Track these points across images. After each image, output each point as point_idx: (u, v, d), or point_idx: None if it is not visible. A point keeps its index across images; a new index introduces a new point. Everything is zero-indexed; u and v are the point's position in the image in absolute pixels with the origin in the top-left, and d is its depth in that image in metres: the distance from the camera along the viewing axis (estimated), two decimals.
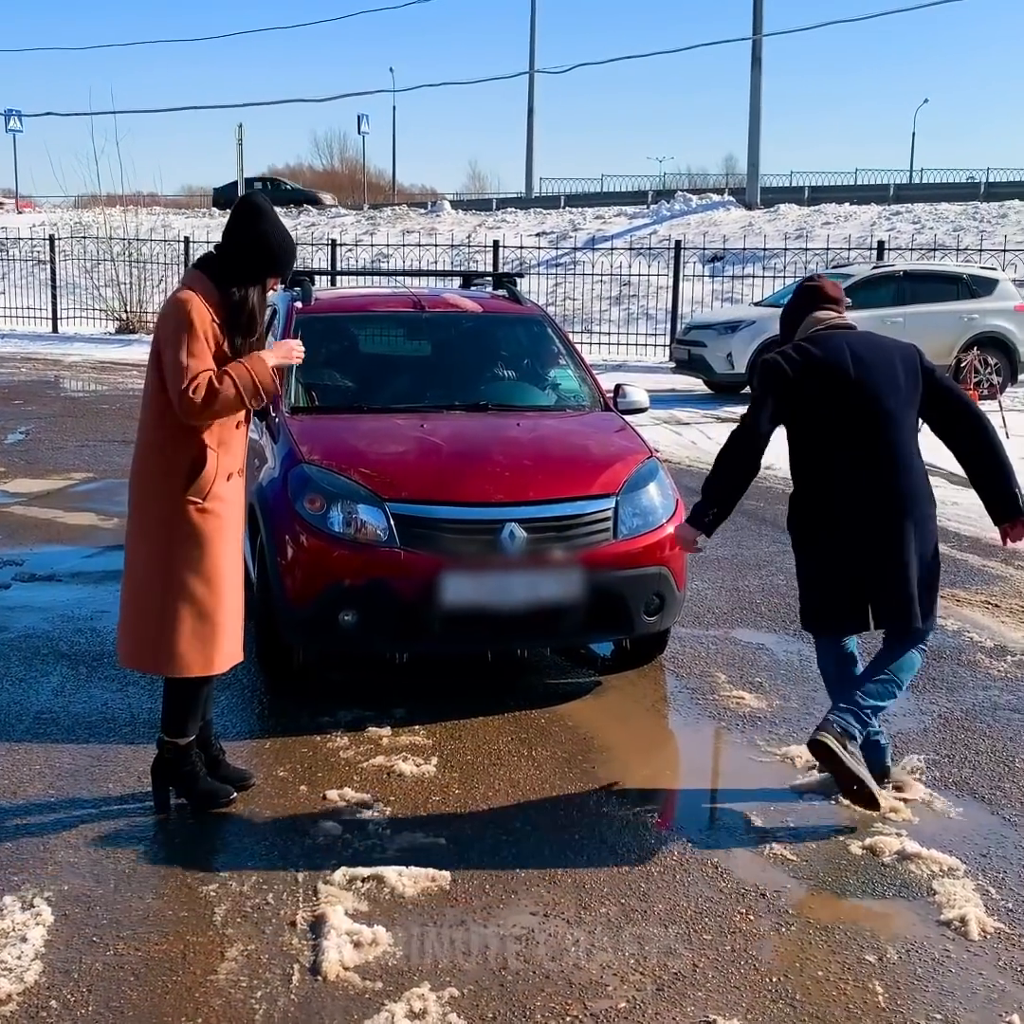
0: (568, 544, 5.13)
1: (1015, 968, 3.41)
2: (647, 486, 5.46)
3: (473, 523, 5.10)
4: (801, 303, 4.54)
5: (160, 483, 4.04)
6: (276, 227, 4.09)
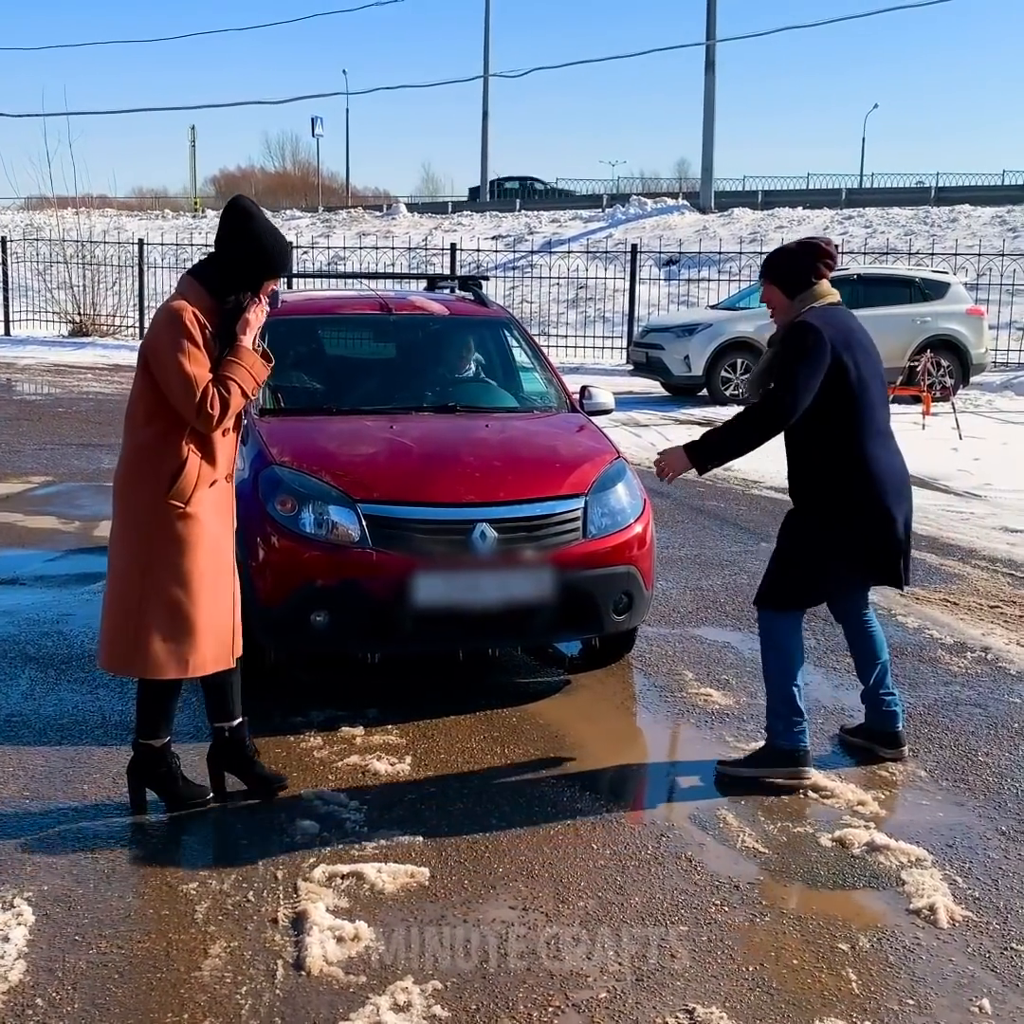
0: (538, 544, 5.19)
1: (983, 954, 3.50)
2: (615, 486, 5.53)
3: (444, 523, 5.14)
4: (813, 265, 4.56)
5: (144, 486, 4.03)
6: (267, 228, 4.07)
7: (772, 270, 4.67)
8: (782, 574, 4.62)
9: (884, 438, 4.56)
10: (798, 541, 4.61)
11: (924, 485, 10.86)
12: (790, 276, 4.61)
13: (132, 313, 24.74)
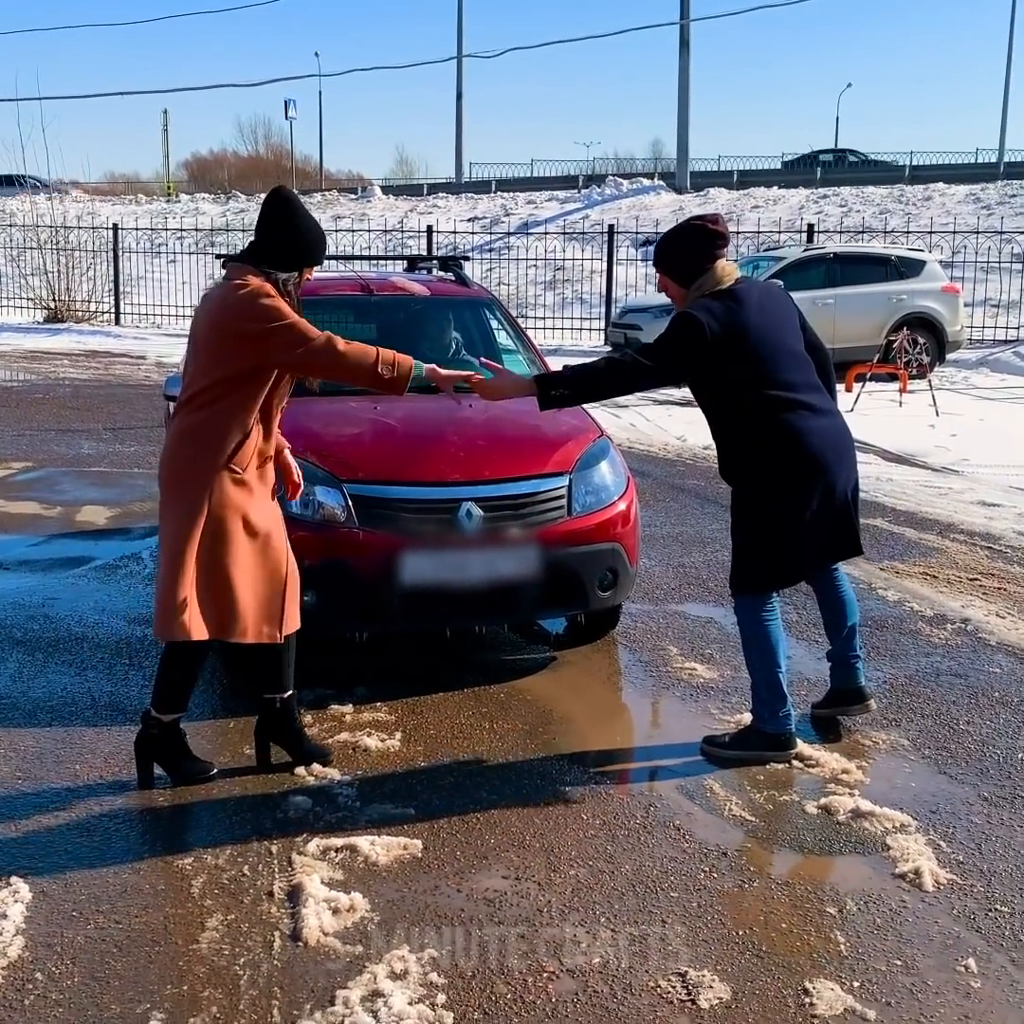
0: (524, 522, 5.23)
1: (968, 916, 3.57)
2: (599, 464, 5.57)
3: (430, 503, 5.18)
4: (703, 249, 4.44)
5: (203, 459, 4.06)
6: (307, 218, 4.21)
7: (662, 260, 4.55)
8: (742, 559, 4.64)
9: (807, 410, 4.45)
10: (746, 525, 4.60)
11: (902, 461, 10.97)
12: (681, 265, 4.48)
13: (107, 298, 24.63)
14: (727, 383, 4.43)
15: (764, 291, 4.59)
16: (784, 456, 4.44)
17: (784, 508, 4.47)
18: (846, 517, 4.60)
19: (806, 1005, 3.13)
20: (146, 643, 5.86)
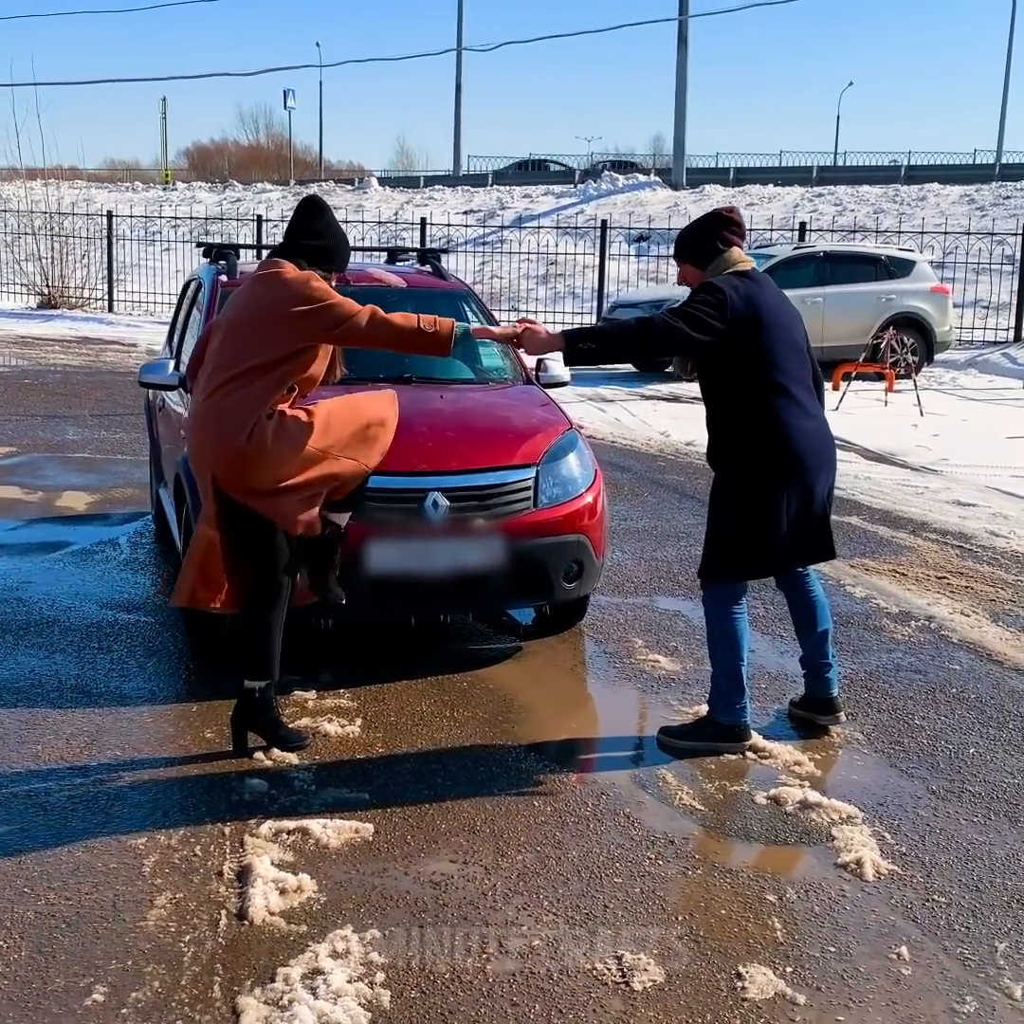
0: (490, 513, 5.28)
1: (906, 905, 3.63)
2: (566, 456, 5.62)
3: (397, 492, 5.22)
4: (718, 232, 4.62)
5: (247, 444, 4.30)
6: (340, 229, 4.61)
7: (680, 249, 4.73)
8: (714, 546, 4.69)
9: (800, 408, 4.55)
10: (723, 511, 4.65)
11: (882, 460, 11.03)
12: (697, 248, 4.66)
13: (101, 285, 24.64)
14: (735, 359, 4.51)
15: (778, 288, 4.73)
16: (769, 448, 4.51)
17: (760, 499, 4.54)
18: (822, 523, 4.66)
19: (738, 989, 3.19)
20: (116, 627, 5.92)
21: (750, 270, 4.61)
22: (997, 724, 5.02)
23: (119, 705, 4.99)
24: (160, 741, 4.68)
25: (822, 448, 4.63)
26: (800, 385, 4.61)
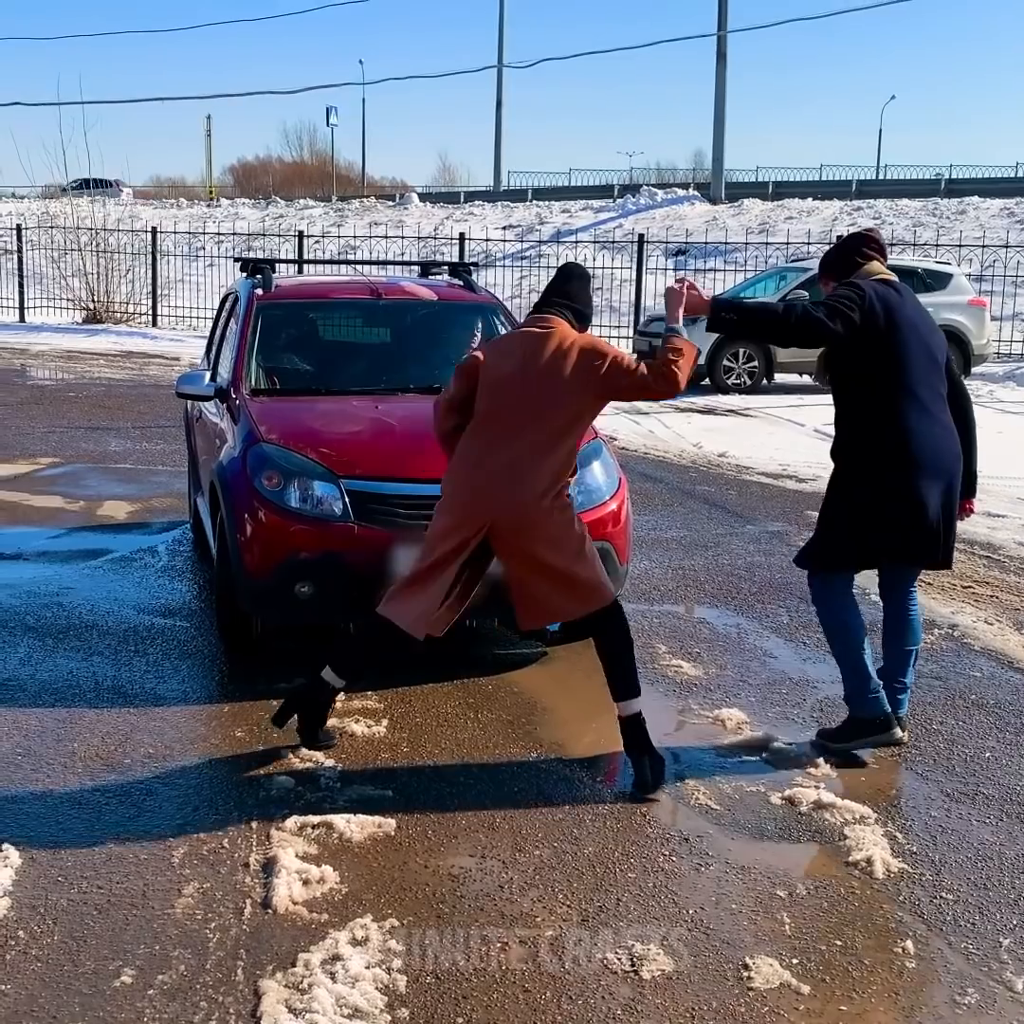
0: None
1: (913, 902, 3.70)
2: (591, 464, 5.71)
3: (425, 499, 5.28)
4: (858, 248, 4.80)
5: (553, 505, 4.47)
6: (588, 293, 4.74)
7: (824, 265, 4.91)
8: (820, 535, 4.80)
9: (926, 414, 4.60)
10: (833, 502, 4.75)
11: None
12: (838, 263, 4.82)
13: (145, 301, 25.02)
14: (866, 357, 4.59)
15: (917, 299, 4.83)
16: (887, 447, 4.57)
17: (869, 493, 4.61)
18: (934, 530, 4.65)
19: (744, 979, 3.28)
20: (153, 631, 6.08)
21: (891, 279, 4.72)
22: (1015, 730, 5.08)
23: (153, 705, 5.14)
24: (192, 740, 4.83)
25: (941, 457, 4.64)
26: (930, 392, 4.66)
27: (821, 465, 11.19)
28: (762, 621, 6.48)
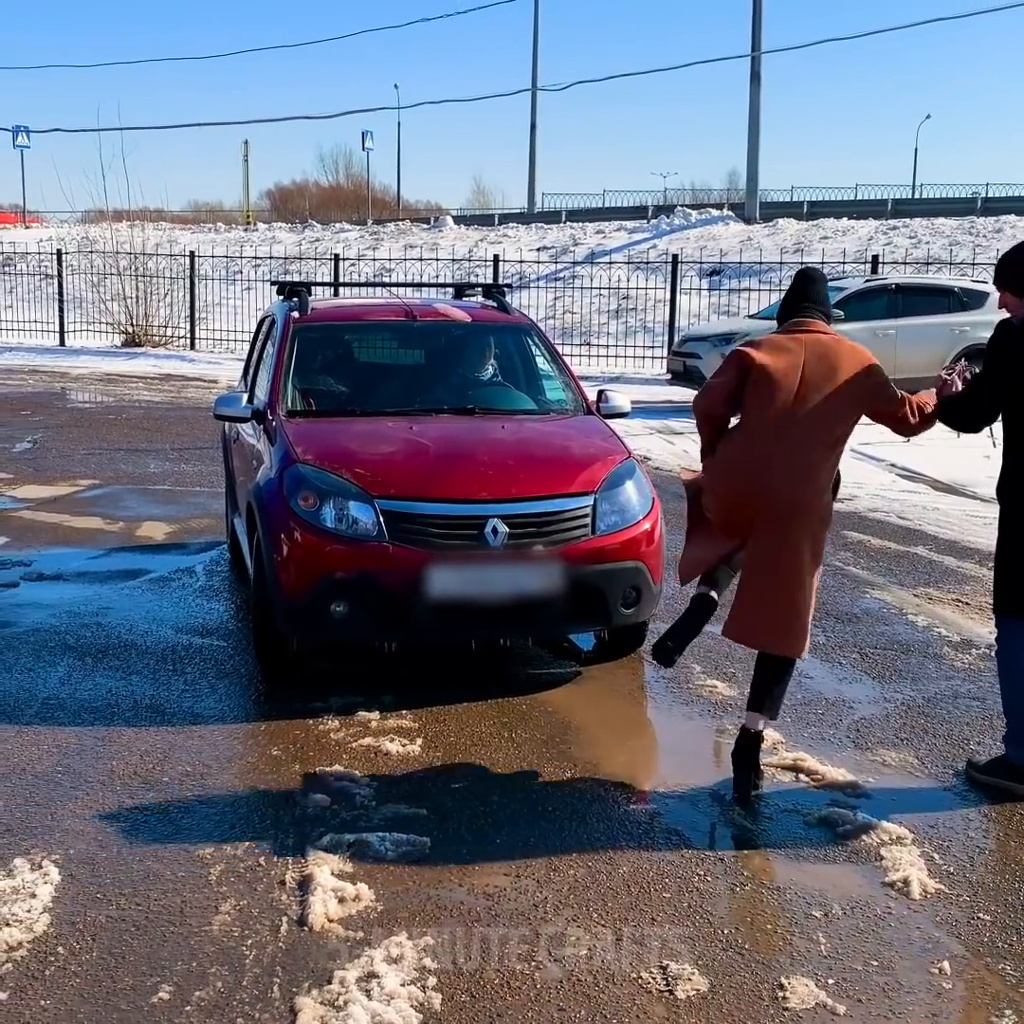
0: (548, 539, 5.41)
1: (950, 923, 3.68)
2: (625, 484, 5.74)
3: (458, 519, 5.38)
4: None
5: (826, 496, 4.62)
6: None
7: (999, 273, 4.74)
8: (998, 576, 4.72)
9: None
10: (1001, 541, 4.72)
11: (950, 491, 11.00)
12: (1014, 274, 4.63)
13: (183, 324, 25.24)
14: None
15: None
16: None
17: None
18: None
19: (779, 999, 3.27)
20: (191, 651, 6.13)
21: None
22: None
23: (191, 724, 5.18)
24: (229, 758, 4.87)
25: None
26: None
27: (857, 484, 11.17)
28: None
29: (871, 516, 9.80)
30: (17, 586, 7.34)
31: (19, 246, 30.42)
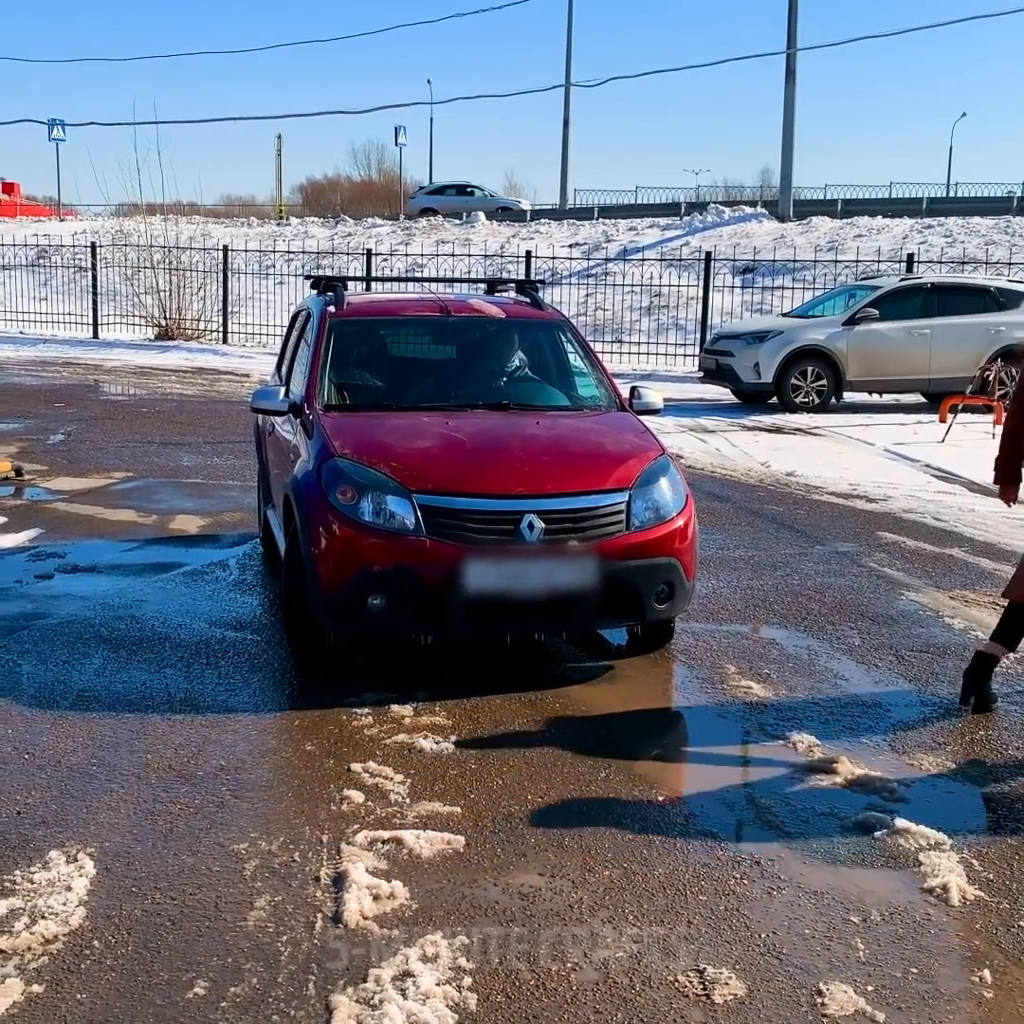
0: (583, 535, 5.42)
1: (990, 931, 3.64)
2: (659, 481, 5.74)
3: (495, 514, 5.38)
4: None
5: None
6: None
7: None
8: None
9: None
10: None
11: (987, 493, 10.88)
12: None
13: (216, 318, 25.33)
14: None
15: None
16: None
17: None
18: None
19: (818, 1005, 3.24)
20: (224, 644, 6.14)
21: None
22: None
23: (225, 718, 5.19)
24: (263, 753, 4.86)
25: None
26: None
27: (892, 485, 11.11)
28: (833, 643, 6.41)
29: (906, 517, 9.73)
30: (52, 578, 7.37)
31: (54, 239, 30.57)
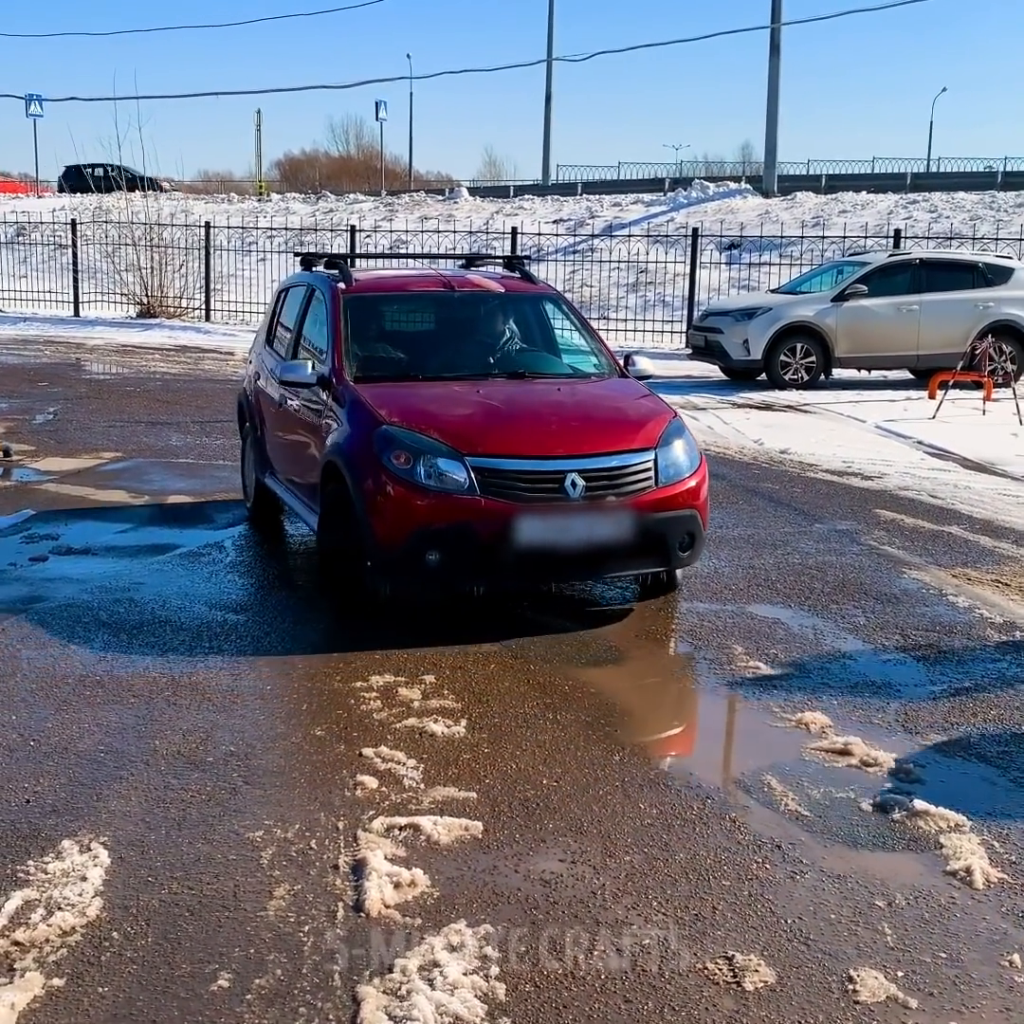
0: (619, 491, 5.93)
1: (1017, 914, 3.62)
2: (677, 441, 6.28)
3: (542, 474, 5.85)
4: None
5: None
6: None
7: None
8: None
9: None
10: None
11: (981, 469, 10.89)
12: None
13: (198, 295, 25.12)
14: None
15: None
16: None
17: None
18: None
19: (849, 992, 3.21)
20: (226, 627, 6.07)
21: None
22: None
23: (231, 703, 5.13)
24: (272, 738, 4.80)
25: None
26: None
27: (886, 462, 11.08)
28: (838, 622, 6.38)
29: (902, 495, 9.71)
30: (47, 560, 7.29)
31: (33, 216, 30.27)
